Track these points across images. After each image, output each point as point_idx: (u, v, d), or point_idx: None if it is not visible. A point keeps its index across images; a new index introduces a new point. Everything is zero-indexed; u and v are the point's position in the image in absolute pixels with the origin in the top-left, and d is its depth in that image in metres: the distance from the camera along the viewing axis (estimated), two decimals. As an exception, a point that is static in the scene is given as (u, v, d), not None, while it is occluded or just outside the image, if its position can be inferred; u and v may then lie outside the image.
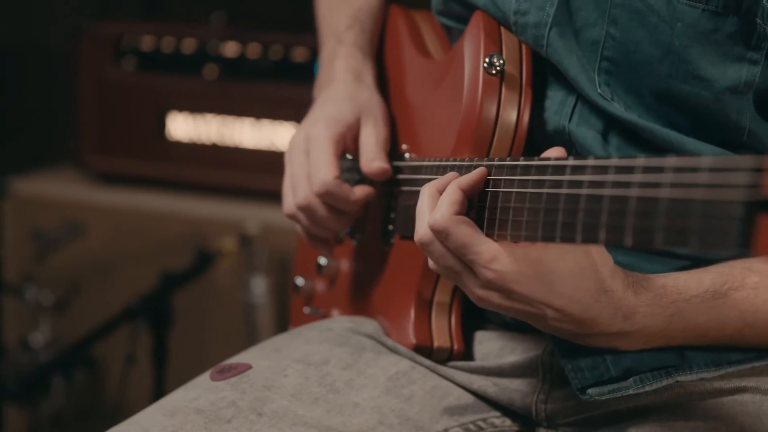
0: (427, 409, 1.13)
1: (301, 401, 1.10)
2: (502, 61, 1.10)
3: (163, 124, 2.48)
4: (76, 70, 2.54)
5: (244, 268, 2.29)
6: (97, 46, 2.50)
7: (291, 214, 1.23)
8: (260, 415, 1.08)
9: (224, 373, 1.12)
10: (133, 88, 2.50)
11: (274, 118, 2.40)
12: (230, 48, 2.42)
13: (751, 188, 0.71)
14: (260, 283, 2.28)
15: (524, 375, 1.13)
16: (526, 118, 1.10)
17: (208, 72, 2.43)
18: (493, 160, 0.99)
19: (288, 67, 2.37)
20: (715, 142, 1.07)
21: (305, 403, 1.09)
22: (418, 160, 1.19)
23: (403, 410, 1.12)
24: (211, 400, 1.09)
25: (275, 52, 2.39)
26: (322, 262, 1.33)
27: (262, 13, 2.73)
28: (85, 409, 2.48)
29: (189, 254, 2.26)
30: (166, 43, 2.47)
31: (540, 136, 1.12)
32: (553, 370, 1.12)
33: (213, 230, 2.32)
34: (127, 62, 2.50)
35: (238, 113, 2.42)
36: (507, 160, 0.97)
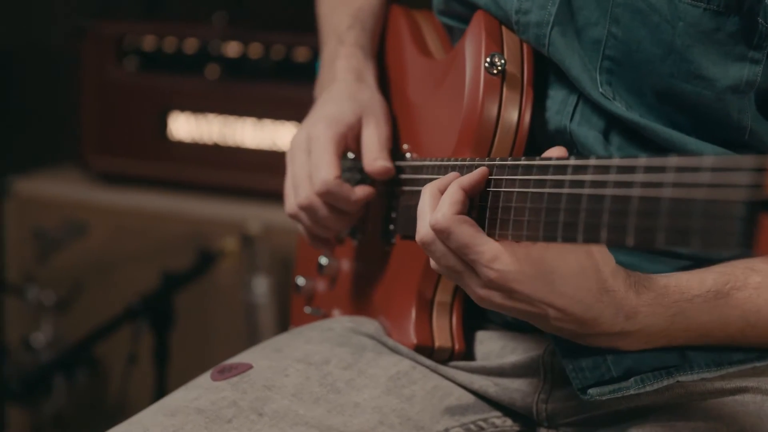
0: (428, 409, 1.13)
1: (302, 401, 1.09)
2: (503, 61, 1.09)
3: (165, 124, 2.48)
4: (78, 70, 2.54)
5: (245, 268, 2.29)
6: (99, 46, 2.50)
7: (293, 213, 1.23)
8: (261, 415, 1.07)
9: (225, 373, 1.12)
10: (135, 87, 2.50)
11: (276, 118, 2.40)
12: (232, 48, 2.42)
13: (753, 188, 0.71)
14: (262, 283, 2.28)
15: (525, 375, 1.13)
16: (528, 118, 1.10)
17: (210, 72, 2.43)
18: (495, 160, 0.99)
19: (289, 67, 2.37)
20: (717, 142, 1.07)
21: (306, 403, 1.09)
22: (420, 159, 1.19)
23: (404, 410, 1.12)
24: (212, 400, 1.09)
25: (277, 52, 2.39)
26: (323, 262, 1.33)
27: (263, 13, 2.72)
28: (86, 408, 2.48)
29: (190, 254, 2.25)
30: (168, 43, 2.47)
31: (541, 136, 1.12)
32: (554, 370, 1.12)
33: (214, 230, 2.32)
34: (129, 62, 2.50)
35: (239, 113, 2.42)
36: (508, 159, 0.97)
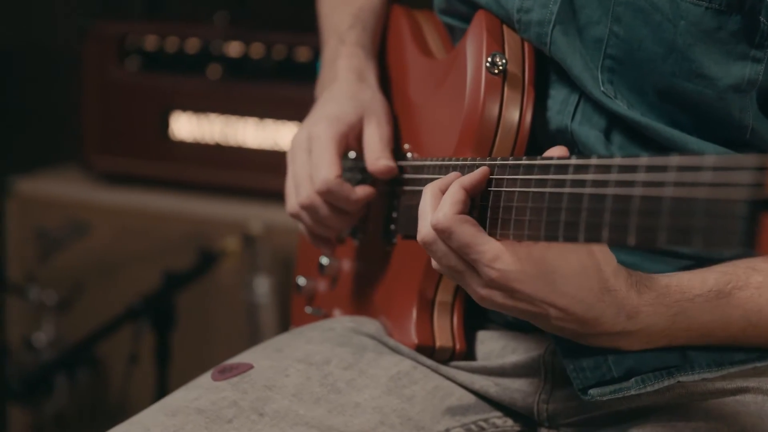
0: (429, 410, 1.12)
1: (303, 401, 1.09)
2: (504, 61, 1.09)
3: (167, 124, 2.47)
4: (80, 70, 2.54)
5: (247, 268, 2.28)
6: (101, 46, 2.50)
7: (294, 213, 1.23)
8: (261, 415, 1.07)
9: (225, 373, 1.12)
10: (137, 87, 2.49)
11: (278, 118, 2.39)
12: (233, 48, 2.42)
13: (755, 187, 0.71)
14: (263, 283, 2.28)
15: (526, 375, 1.13)
16: (529, 118, 1.09)
17: (212, 72, 2.43)
18: (496, 160, 0.98)
19: (291, 67, 2.37)
20: (718, 141, 1.06)
21: (306, 403, 1.09)
22: (421, 159, 1.19)
23: (405, 410, 1.11)
24: (213, 400, 1.08)
25: (278, 52, 2.39)
26: (323, 262, 1.33)
27: (265, 13, 2.72)
28: (88, 408, 2.48)
29: (192, 254, 2.25)
30: (170, 43, 2.47)
31: (542, 136, 1.12)
32: (554, 370, 1.11)
33: (216, 230, 2.32)
34: (131, 62, 2.50)
35: (241, 113, 2.42)
36: (509, 159, 0.97)
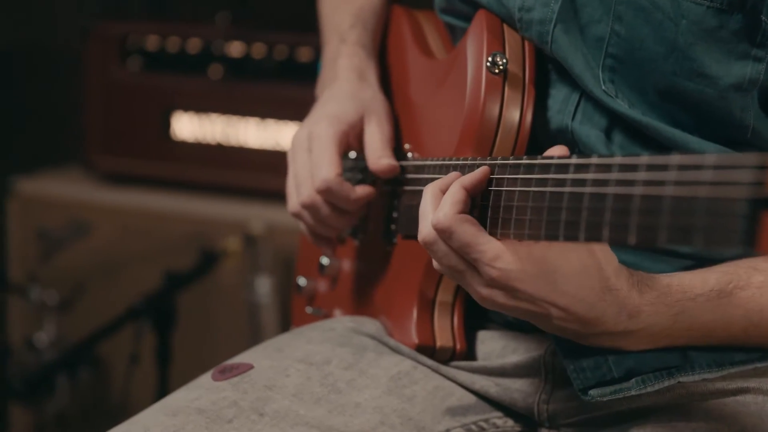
0: (429, 410, 1.12)
1: (303, 401, 1.09)
2: (504, 60, 1.09)
3: (168, 124, 2.48)
4: (82, 70, 2.54)
5: (248, 268, 2.28)
6: (103, 46, 2.50)
7: (295, 212, 1.23)
8: (262, 415, 1.07)
9: (226, 373, 1.12)
10: (139, 87, 2.49)
11: (279, 118, 2.39)
12: (235, 48, 2.42)
13: (755, 186, 0.71)
14: (265, 283, 2.28)
15: (526, 375, 1.12)
16: (529, 118, 1.09)
17: (213, 72, 2.43)
18: (496, 159, 0.98)
19: (293, 67, 2.37)
20: (719, 140, 1.06)
21: (307, 403, 1.09)
22: (421, 159, 1.18)
23: (405, 410, 1.11)
24: (213, 400, 1.08)
25: (280, 52, 2.39)
26: (324, 262, 1.33)
27: (266, 13, 2.72)
28: (89, 408, 2.48)
29: (193, 254, 2.25)
30: (171, 43, 2.47)
31: (543, 135, 1.11)
32: (555, 371, 1.11)
33: (217, 230, 2.32)
34: (133, 62, 2.50)
35: (242, 113, 2.42)
36: (510, 159, 0.97)
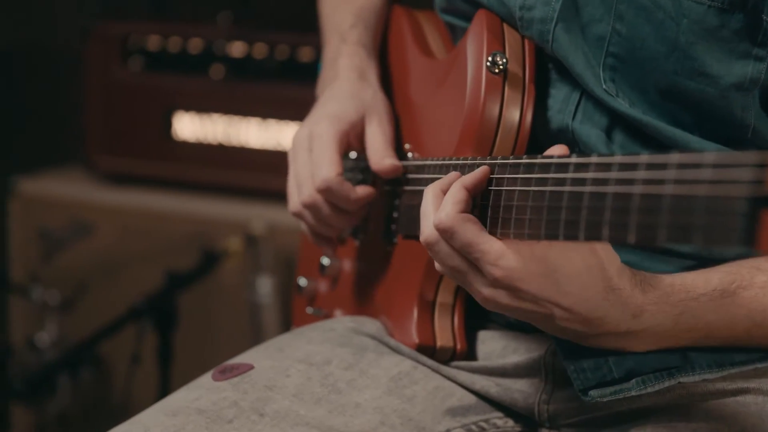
0: (429, 410, 1.12)
1: (303, 401, 1.09)
2: (505, 60, 1.09)
3: (170, 124, 2.47)
4: (83, 70, 2.54)
5: (249, 268, 2.28)
6: (104, 46, 2.50)
7: (297, 212, 1.23)
8: (262, 416, 1.07)
9: (226, 374, 1.12)
10: (140, 87, 2.49)
11: (280, 118, 2.39)
12: (236, 48, 2.42)
13: (755, 184, 0.71)
14: (266, 283, 2.28)
15: (527, 375, 1.12)
16: (529, 117, 1.09)
17: (215, 72, 2.42)
18: (496, 159, 0.98)
19: (294, 67, 2.37)
20: (720, 140, 1.06)
21: (307, 404, 1.09)
22: (422, 159, 1.18)
23: (405, 411, 1.11)
24: (213, 401, 1.08)
25: (281, 52, 2.39)
26: (324, 263, 1.32)
27: (268, 13, 2.72)
28: (90, 408, 2.48)
29: (195, 254, 2.25)
30: (173, 43, 2.47)
31: (543, 135, 1.11)
32: (555, 371, 1.11)
33: (219, 230, 2.32)
34: (134, 62, 2.50)
35: (244, 113, 2.41)
36: (510, 158, 0.97)
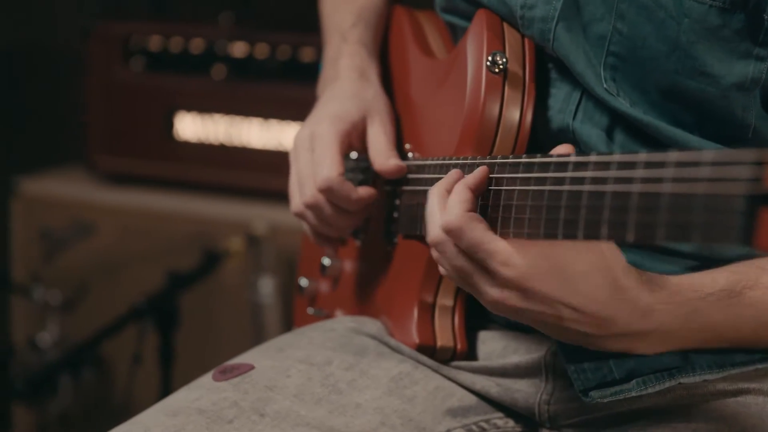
0: (430, 410, 1.12)
1: (304, 402, 1.09)
2: (505, 60, 1.09)
3: (171, 124, 2.48)
4: (85, 70, 2.55)
5: (251, 268, 2.28)
6: (106, 47, 2.50)
7: (299, 212, 1.23)
8: (262, 416, 1.07)
9: (226, 374, 1.12)
10: (141, 88, 2.50)
11: (282, 118, 2.39)
12: (238, 48, 2.42)
13: (753, 182, 0.71)
14: (267, 283, 2.28)
15: (527, 375, 1.12)
16: (529, 117, 1.09)
17: (216, 72, 2.42)
18: (496, 158, 0.98)
19: (296, 67, 2.37)
20: (720, 140, 1.05)
21: (308, 404, 1.09)
22: (422, 159, 1.18)
23: (406, 411, 1.11)
24: (213, 401, 1.08)
25: (283, 52, 2.38)
26: (325, 263, 1.32)
27: (269, 13, 2.72)
28: (92, 408, 2.48)
29: (196, 254, 2.25)
30: (174, 43, 2.47)
31: (544, 135, 1.11)
32: (556, 371, 1.11)
33: (220, 230, 2.32)
34: (136, 62, 2.50)
35: (245, 113, 2.41)
36: (509, 157, 0.96)
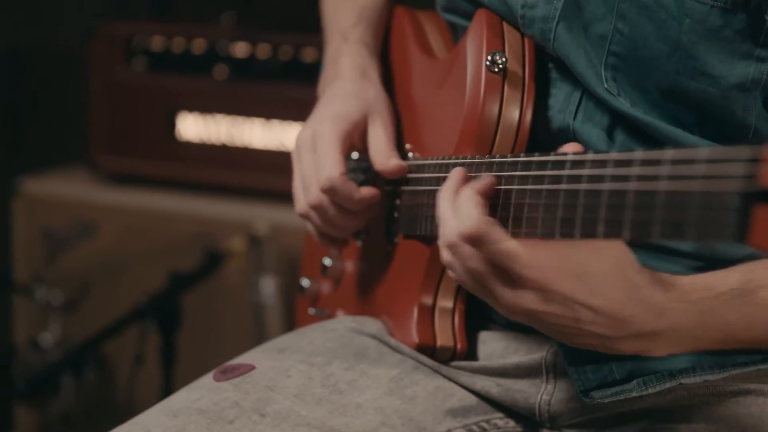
0: (430, 410, 1.12)
1: (304, 402, 1.09)
2: (504, 59, 1.08)
3: (173, 125, 2.47)
4: (87, 71, 2.55)
5: (253, 269, 2.28)
6: (108, 47, 2.50)
7: (304, 213, 1.22)
8: (263, 416, 1.07)
9: (227, 374, 1.12)
10: (143, 88, 2.50)
11: (284, 119, 2.39)
12: (240, 48, 2.42)
13: (747, 179, 0.70)
14: (269, 284, 2.28)
15: (528, 376, 1.12)
16: (529, 117, 1.08)
17: (218, 72, 2.42)
18: (494, 157, 0.98)
19: (298, 68, 2.36)
20: (721, 140, 1.05)
21: (308, 404, 1.09)
22: (422, 159, 1.18)
23: (406, 411, 1.11)
24: (214, 401, 1.08)
25: (285, 53, 2.38)
26: (326, 263, 1.32)
27: (271, 13, 2.72)
28: (94, 408, 2.48)
29: (198, 254, 2.25)
30: (176, 43, 2.47)
31: (544, 135, 1.11)
32: (556, 372, 1.11)
33: (222, 230, 2.32)
34: (138, 62, 2.50)
35: (247, 113, 2.41)
36: (508, 156, 0.96)
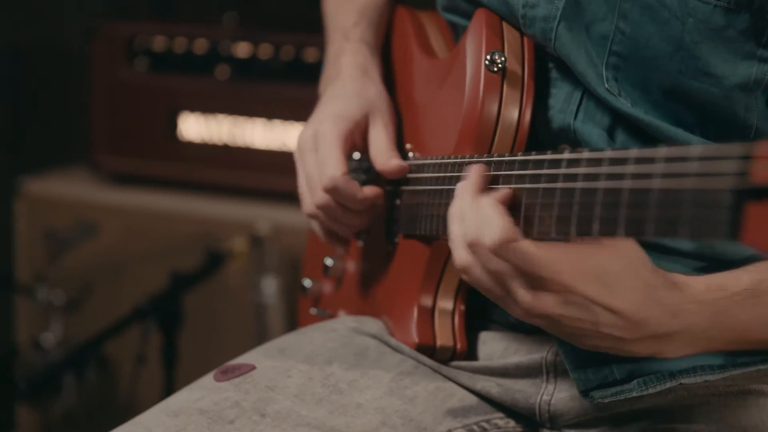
0: (431, 410, 1.12)
1: (305, 402, 1.09)
2: (503, 59, 1.08)
3: (175, 125, 2.48)
4: (89, 71, 2.55)
5: (254, 269, 2.28)
6: (110, 47, 2.50)
7: (311, 213, 1.22)
8: (263, 416, 1.07)
9: (228, 374, 1.12)
10: (145, 88, 2.50)
11: (286, 119, 2.39)
12: (242, 48, 2.42)
13: (740, 176, 0.71)
14: (271, 284, 2.28)
15: (528, 376, 1.12)
16: (528, 116, 1.08)
17: (220, 72, 2.43)
18: (493, 156, 0.98)
19: (299, 68, 2.37)
20: (722, 140, 1.03)
21: (308, 404, 1.09)
22: (422, 158, 1.18)
23: (407, 411, 1.11)
24: (215, 401, 1.08)
25: (287, 53, 2.38)
26: (328, 263, 1.32)
27: (273, 13, 2.73)
28: (95, 408, 2.49)
29: (200, 254, 2.25)
30: (178, 43, 2.47)
31: (544, 135, 1.10)
32: (557, 372, 1.10)
33: (224, 231, 2.32)
34: (139, 63, 2.50)
35: (249, 114, 2.41)
36: (506, 155, 0.96)
